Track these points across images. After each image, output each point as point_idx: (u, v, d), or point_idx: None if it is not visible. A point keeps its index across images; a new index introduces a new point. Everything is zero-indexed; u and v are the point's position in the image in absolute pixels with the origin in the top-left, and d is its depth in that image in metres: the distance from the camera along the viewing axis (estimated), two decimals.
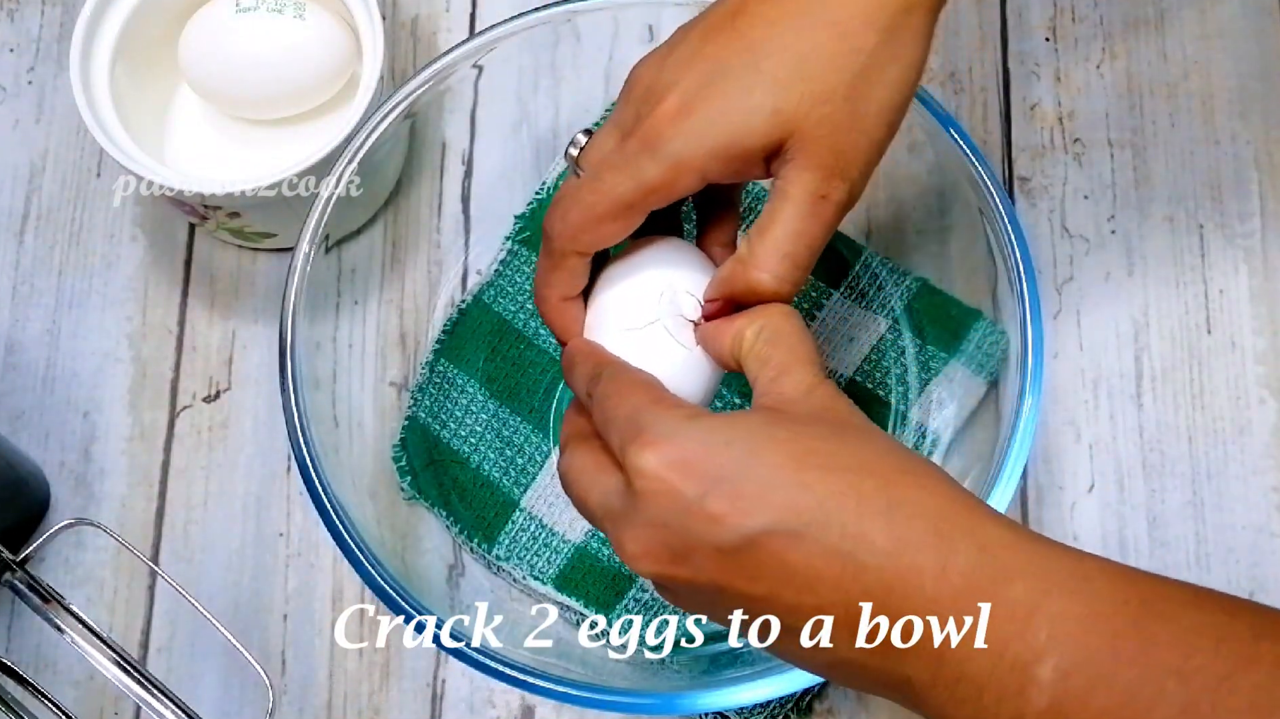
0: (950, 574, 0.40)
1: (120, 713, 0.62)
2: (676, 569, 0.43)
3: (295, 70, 0.64)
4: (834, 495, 0.41)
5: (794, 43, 0.47)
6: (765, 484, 0.42)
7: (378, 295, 0.65)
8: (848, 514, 0.41)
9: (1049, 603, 0.39)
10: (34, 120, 0.71)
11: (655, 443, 0.43)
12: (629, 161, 0.48)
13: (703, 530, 0.42)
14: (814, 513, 0.41)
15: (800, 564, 0.41)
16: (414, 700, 0.62)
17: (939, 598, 0.40)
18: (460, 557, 0.63)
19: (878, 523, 0.41)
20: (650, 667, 0.60)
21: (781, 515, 0.41)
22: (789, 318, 0.47)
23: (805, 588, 0.41)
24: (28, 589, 0.53)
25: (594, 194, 0.49)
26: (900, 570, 0.40)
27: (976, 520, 0.41)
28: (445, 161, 0.68)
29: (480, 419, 0.64)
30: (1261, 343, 0.65)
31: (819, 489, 0.41)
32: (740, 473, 0.42)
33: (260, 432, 0.66)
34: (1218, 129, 0.68)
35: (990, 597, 0.39)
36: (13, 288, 0.68)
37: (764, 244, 0.48)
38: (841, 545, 0.41)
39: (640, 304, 0.50)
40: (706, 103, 0.47)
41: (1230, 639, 0.37)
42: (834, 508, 0.41)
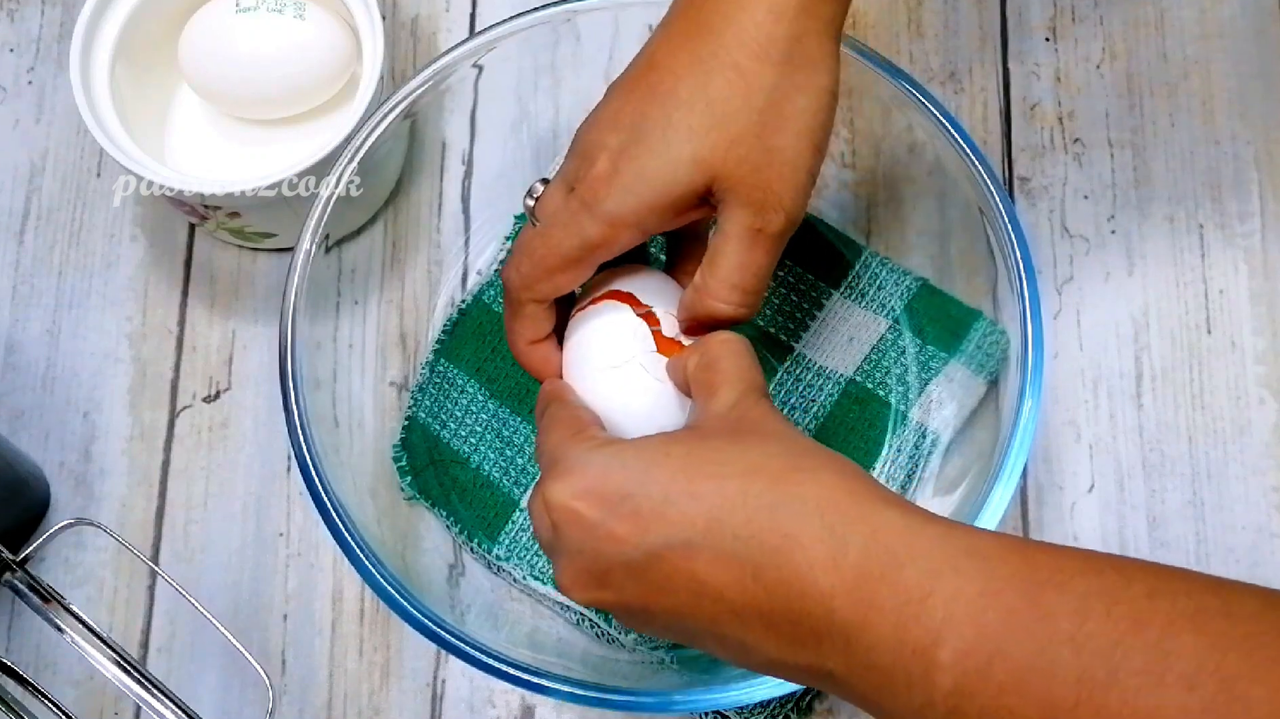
0: (842, 565, 0.40)
1: (120, 713, 0.62)
2: (604, 593, 0.45)
3: (295, 70, 0.64)
4: (724, 502, 0.42)
5: (702, 90, 0.49)
6: (660, 500, 0.43)
7: (378, 295, 0.65)
8: (737, 518, 0.42)
9: (942, 584, 0.39)
10: (34, 120, 0.71)
11: (563, 475, 0.45)
12: (573, 219, 0.51)
13: (612, 552, 0.44)
14: (706, 521, 0.42)
15: (703, 573, 0.42)
16: (414, 700, 0.62)
17: (835, 590, 0.40)
18: (460, 556, 0.63)
19: (766, 522, 0.42)
20: (650, 666, 0.60)
21: (678, 528, 0.42)
22: (725, 344, 0.49)
23: (715, 596, 0.42)
24: (28, 589, 0.53)
25: (544, 248, 0.52)
26: (795, 567, 0.41)
27: (867, 508, 0.42)
28: (445, 161, 0.69)
29: (480, 419, 0.64)
30: (1261, 343, 0.65)
31: (709, 498, 0.42)
32: (637, 491, 0.43)
33: (260, 432, 0.66)
34: (1218, 129, 0.68)
35: (884, 583, 0.40)
36: (13, 288, 0.68)
37: (714, 276, 0.51)
38: (735, 549, 0.42)
39: (615, 342, 0.52)
40: (632, 161, 0.50)
41: (1124, 601, 0.37)
42: (725, 514, 0.42)
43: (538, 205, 0.53)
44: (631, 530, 0.43)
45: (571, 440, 0.47)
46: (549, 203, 0.52)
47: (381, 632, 0.63)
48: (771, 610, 0.41)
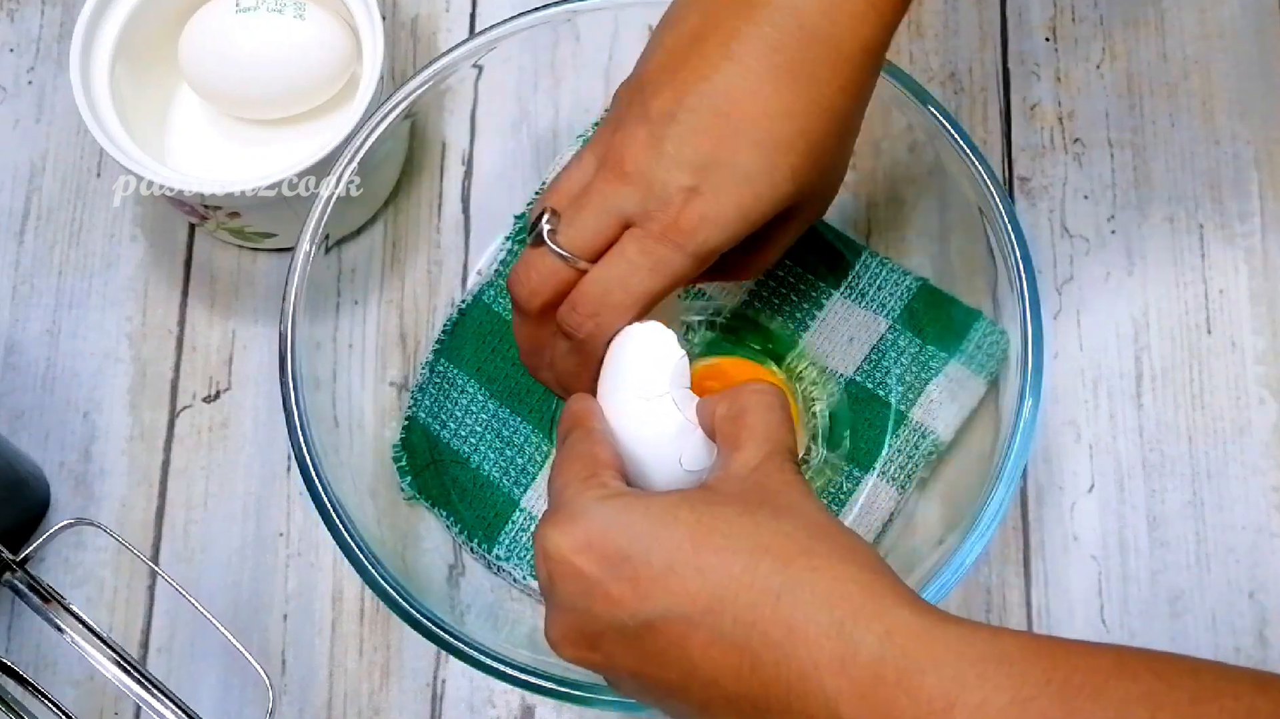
0: (851, 668, 0.38)
1: (120, 713, 0.62)
2: (592, 655, 0.43)
3: (295, 70, 0.64)
4: (728, 580, 0.40)
5: (779, 100, 0.48)
6: (662, 568, 0.41)
7: (378, 295, 0.65)
8: (740, 601, 0.40)
9: (967, 693, 0.37)
10: (34, 120, 0.71)
11: (565, 523, 0.43)
12: (654, 257, 0.48)
13: (605, 615, 0.42)
14: (708, 599, 0.40)
15: (698, 654, 0.40)
16: (414, 700, 0.62)
17: (841, 695, 0.38)
18: (460, 556, 0.63)
19: (769, 610, 0.39)
20: None
21: (677, 601, 0.40)
22: (757, 394, 0.47)
23: (708, 680, 0.40)
24: (28, 589, 0.53)
25: (618, 287, 0.49)
26: (797, 664, 0.38)
27: (881, 604, 0.39)
28: (445, 161, 0.68)
29: (480, 419, 0.64)
30: (1261, 343, 0.65)
31: (713, 574, 0.40)
32: (640, 554, 0.41)
33: (260, 432, 0.66)
34: (1218, 129, 0.68)
35: (900, 690, 0.37)
36: (13, 288, 0.68)
37: (754, 264, 0.52)
38: (735, 635, 0.39)
39: (653, 371, 0.50)
40: (724, 194, 0.48)
41: (1166, 707, 0.35)
42: (727, 594, 0.40)
43: (569, 238, 0.49)
44: (629, 595, 0.41)
45: (582, 484, 0.45)
46: (593, 238, 0.49)
47: (381, 631, 0.63)
48: (769, 704, 0.39)
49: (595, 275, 0.49)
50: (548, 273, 0.50)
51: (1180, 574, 0.62)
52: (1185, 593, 0.62)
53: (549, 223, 0.50)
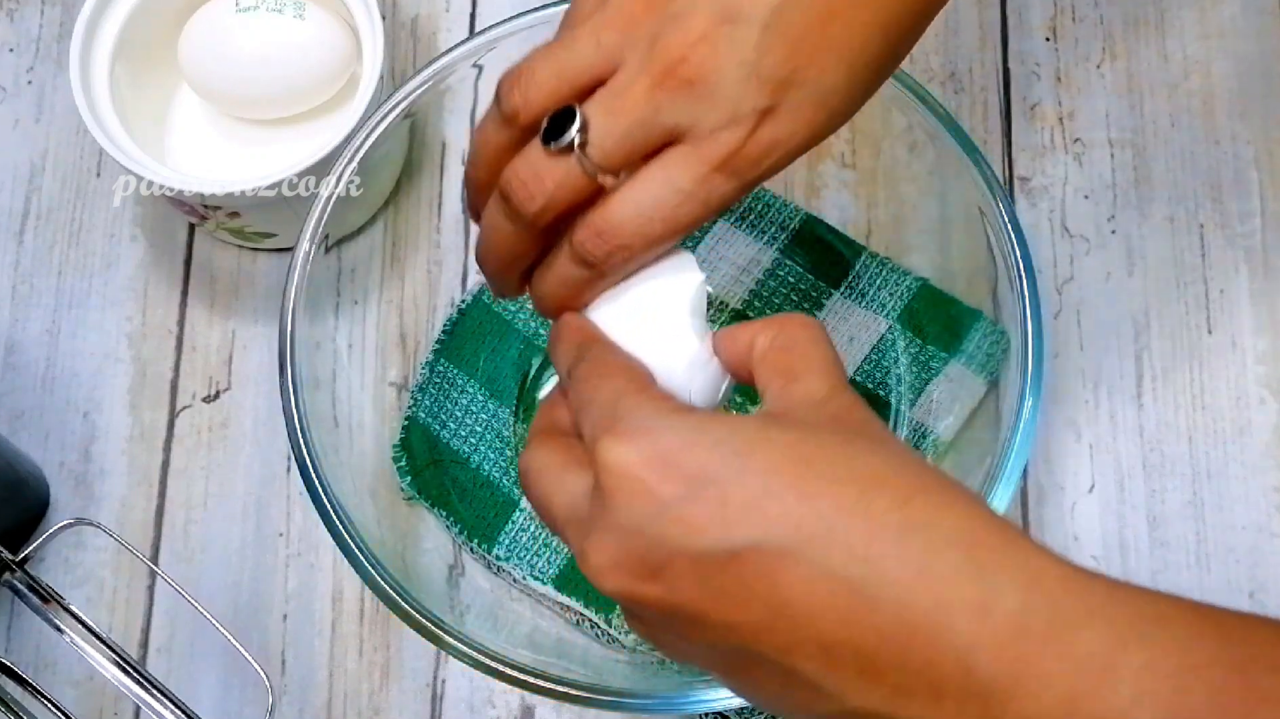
0: (991, 615, 0.33)
1: (120, 713, 0.62)
2: (648, 587, 0.36)
3: (295, 70, 0.64)
4: (840, 510, 0.35)
5: (880, 16, 0.42)
6: (758, 491, 0.35)
7: (378, 295, 0.65)
8: (855, 534, 0.34)
9: (1129, 655, 0.33)
10: (33, 120, 0.71)
11: (631, 434, 0.37)
12: (707, 186, 0.42)
13: (680, 539, 0.35)
14: (814, 529, 0.34)
15: (797, 590, 0.34)
16: (414, 700, 0.62)
17: (979, 643, 0.33)
18: (460, 557, 0.63)
19: (894, 547, 0.34)
20: (650, 667, 0.60)
21: (776, 528, 0.34)
22: (807, 327, 0.41)
23: (803, 620, 0.34)
24: (27, 589, 0.53)
25: (658, 212, 0.42)
26: (927, 606, 0.33)
27: (1017, 549, 0.34)
28: (445, 161, 0.68)
29: (480, 419, 0.64)
30: (1262, 343, 0.65)
31: (822, 501, 0.35)
32: (729, 476, 0.35)
33: (260, 432, 0.66)
34: (1218, 129, 0.68)
35: (1050, 644, 0.33)
36: (12, 288, 0.68)
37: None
38: (849, 571, 0.34)
39: (667, 293, 0.44)
40: (804, 112, 0.42)
41: None
42: (840, 525, 0.34)
43: (602, 152, 0.42)
44: (714, 519, 0.35)
45: (639, 395, 0.39)
46: (629, 154, 0.42)
47: (381, 632, 0.63)
48: (878, 652, 0.34)
49: (629, 198, 0.42)
50: (568, 185, 0.42)
51: (1180, 574, 0.62)
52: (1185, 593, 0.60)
53: (580, 132, 0.42)
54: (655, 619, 0.38)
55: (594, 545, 0.37)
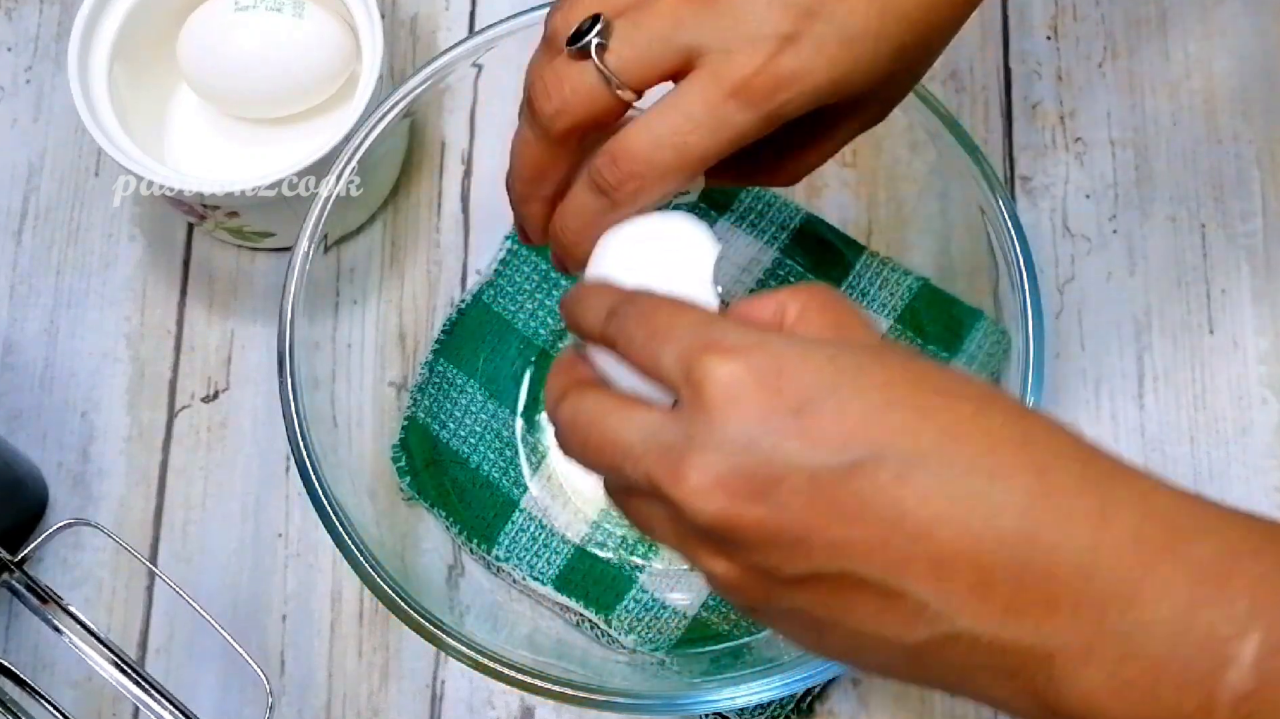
0: (1113, 524, 0.33)
1: (118, 714, 0.62)
2: (753, 507, 0.35)
3: (294, 69, 0.64)
4: (960, 423, 0.34)
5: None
6: (878, 403, 0.34)
7: (377, 295, 0.65)
8: (976, 446, 0.34)
9: (1243, 566, 0.33)
10: (32, 119, 0.71)
11: (738, 350, 0.35)
12: (720, 113, 0.41)
13: (795, 454, 0.34)
14: (935, 441, 0.34)
15: (916, 503, 0.34)
16: (413, 701, 0.62)
17: (1099, 548, 0.33)
18: (460, 557, 0.63)
19: (1011, 455, 0.34)
20: (650, 667, 0.60)
21: (896, 441, 0.34)
22: (834, 290, 0.41)
23: (920, 534, 0.34)
24: (26, 590, 0.53)
25: (673, 139, 0.41)
26: (1048, 514, 0.33)
27: (1132, 473, 0.35)
28: (445, 161, 0.68)
29: (480, 419, 0.64)
30: (1264, 343, 0.65)
31: (942, 415, 0.34)
32: (846, 389, 0.35)
33: (259, 432, 0.66)
34: (1220, 128, 0.68)
35: (1169, 553, 0.33)
36: (10, 287, 0.68)
37: (805, 161, 0.47)
38: (969, 483, 0.34)
39: (690, 268, 0.43)
40: (827, 47, 0.41)
41: None
42: (961, 435, 0.34)
43: (620, 58, 0.42)
44: (834, 432, 0.34)
45: (727, 320, 0.38)
46: (648, 66, 0.42)
47: (380, 632, 0.63)
48: (995, 563, 0.33)
49: (643, 123, 0.42)
50: (584, 91, 0.42)
51: None
52: None
53: (600, 35, 0.42)
54: (752, 545, 0.35)
55: (694, 463, 0.35)
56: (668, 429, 0.36)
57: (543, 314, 0.65)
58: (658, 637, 0.61)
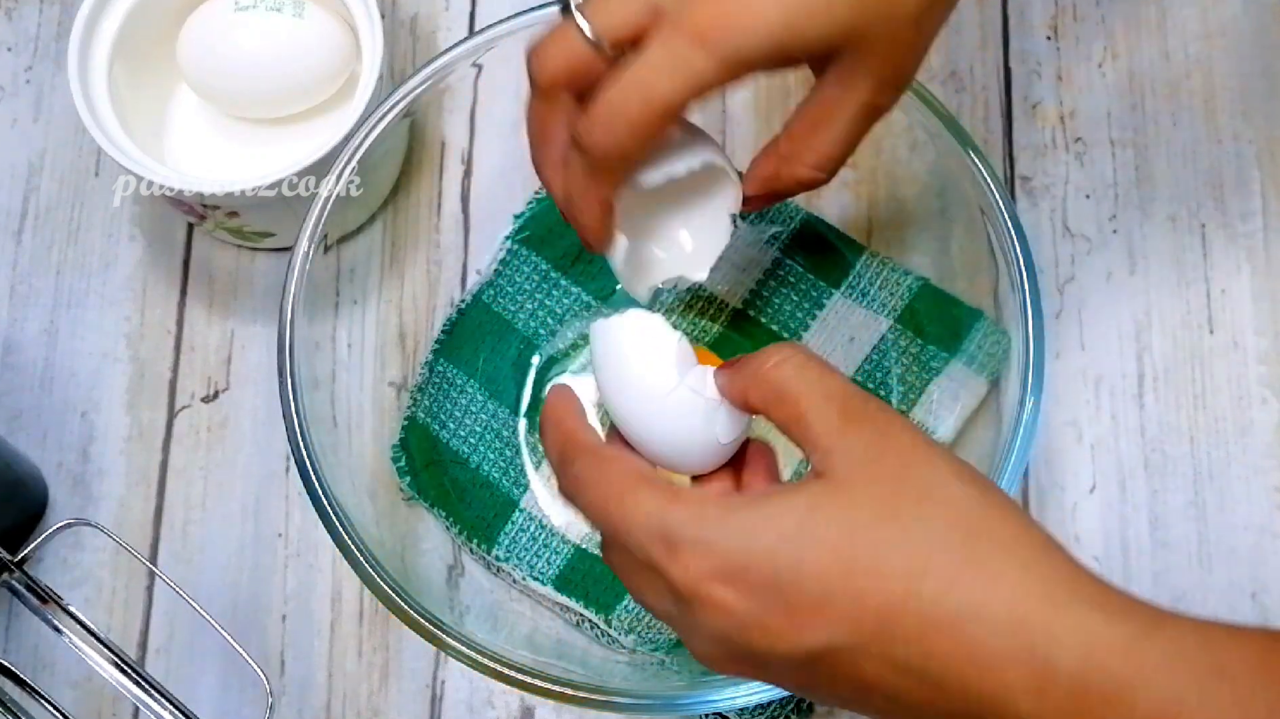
0: (1049, 691, 0.35)
1: (118, 714, 0.62)
2: (757, 673, 0.41)
3: (294, 69, 0.64)
4: (891, 605, 0.37)
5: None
6: (819, 594, 0.38)
7: (377, 295, 0.65)
8: (909, 628, 0.37)
9: (1187, 713, 0.34)
10: (32, 119, 0.71)
11: (691, 554, 0.39)
12: (678, 58, 0.44)
13: (767, 645, 0.39)
14: (874, 626, 0.37)
15: (872, 678, 0.38)
16: (413, 701, 0.62)
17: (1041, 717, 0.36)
18: (460, 557, 0.63)
19: (946, 638, 0.37)
20: (650, 667, 0.60)
21: (840, 630, 0.38)
22: (780, 366, 0.43)
23: (888, 695, 0.38)
24: (26, 590, 0.53)
25: (637, 90, 0.44)
26: (987, 689, 0.36)
27: (1068, 615, 0.36)
28: (444, 161, 0.68)
29: (480, 419, 0.64)
30: (1264, 342, 0.65)
31: (874, 599, 0.37)
32: (789, 581, 0.38)
33: (259, 432, 0.66)
34: (1220, 128, 0.68)
35: (1110, 710, 0.35)
36: (10, 287, 0.68)
37: (812, 147, 0.47)
38: (911, 662, 0.37)
39: (656, 367, 0.47)
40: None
41: None
42: (894, 619, 0.37)
43: (594, 13, 0.45)
44: (787, 628, 0.38)
45: (674, 506, 0.40)
46: (620, 22, 0.45)
47: (380, 632, 0.63)
48: (958, 715, 0.37)
49: (614, 77, 0.45)
50: (565, 47, 0.46)
51: (1182, 575, 0.62)
52: (1187, 593, 0.62)
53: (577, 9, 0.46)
54: (776, 682, 0.42)
55: (696, 644, 0.41)
56: (672, 607, 0.41)
57: (543, 314, 0.65)
58: (658, 637, 0.61)
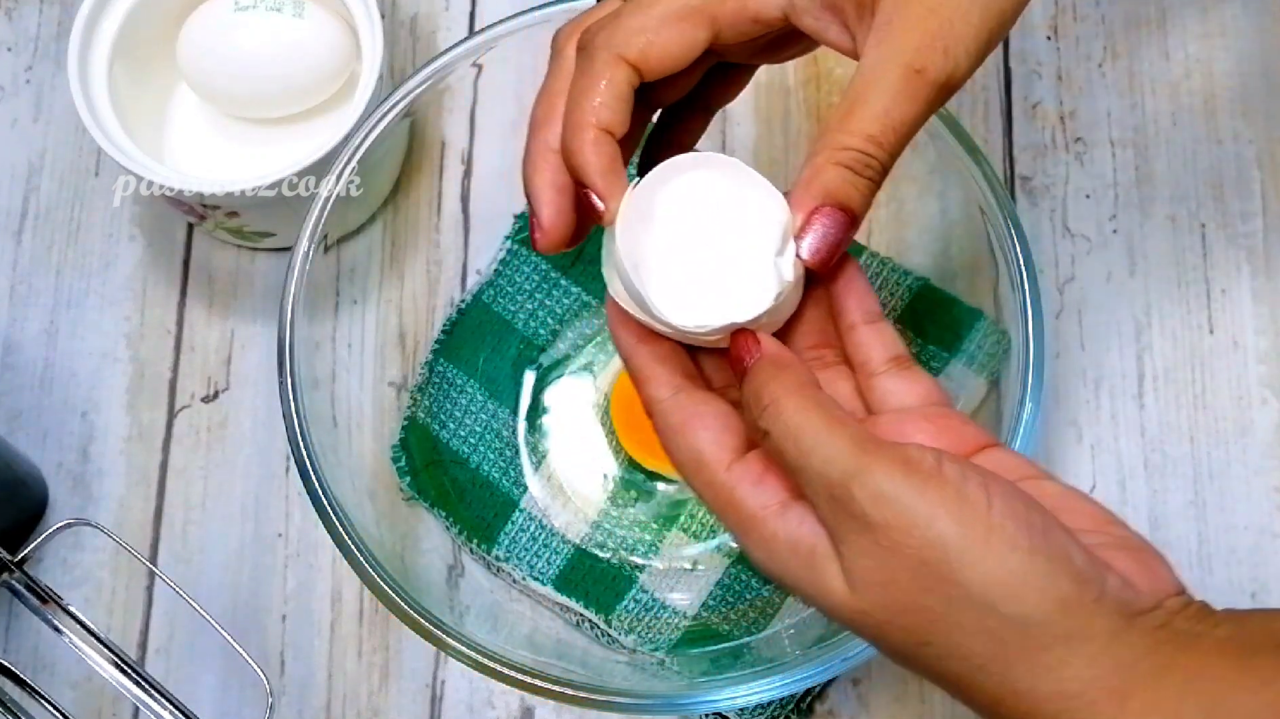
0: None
1: (118, 714, 0.62)
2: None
3: (294, 69, 0.64)
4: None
5: None
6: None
7: (377, 295, 0.65)
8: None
9: None
10: (32, 119, 0.71)
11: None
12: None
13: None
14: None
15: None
16: (413, 702, 0.62)
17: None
18: (460, 557, 0.63)
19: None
20: (650, 667, 0.60)
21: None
22: (769, 385, 0.40)
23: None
24: (26, 590, 0.53)
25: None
26: None
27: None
28: (444, 161, 0.68)
29: (480, 419, 0.64)
30: (1264, 342, 0.65)
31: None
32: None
33: (259, 432, 0.66)
34: (1220, 128, 0.67)
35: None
36: (10, 287, 0.68)
37: (848, 129, 0.41)
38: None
39: (737, 219, 0.41)
40: None
41: None
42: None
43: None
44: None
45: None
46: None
47: (380, 633, 0.63)
48: None
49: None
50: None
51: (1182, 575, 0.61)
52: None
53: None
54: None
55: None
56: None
57: (543, 314, 0.65)
58: (658, 637, 0.61)
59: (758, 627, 0.60)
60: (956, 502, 0.37)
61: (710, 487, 0.41)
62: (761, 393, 0.40)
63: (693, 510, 0.63)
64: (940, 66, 0.40)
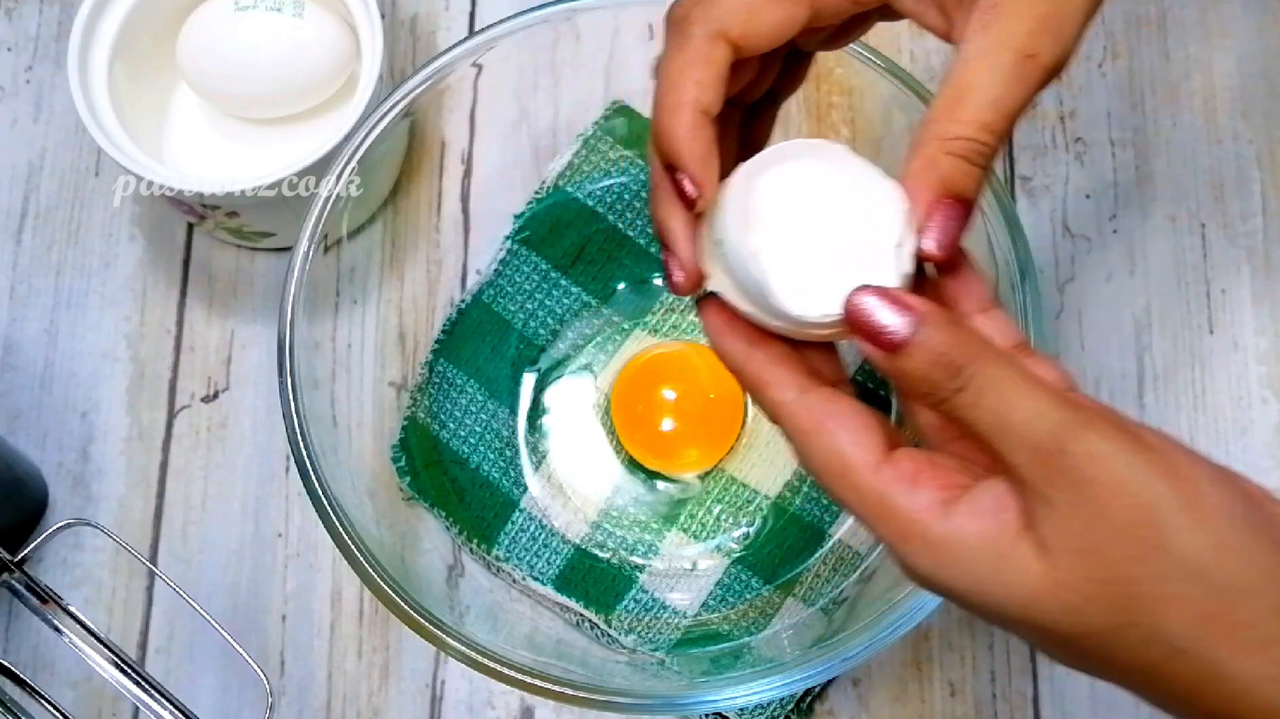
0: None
1: (118, 714, 0.62)
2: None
3: (294, 69, 0.64)
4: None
5: None
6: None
7: (377, 295, 0.65)
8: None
9: None
10: (32, 119, 0.71)
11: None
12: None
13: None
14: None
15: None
16: (413, 702, 0.62)
17: None
18: (460, 557, 0.63)
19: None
20: (650, 667, 0.60)
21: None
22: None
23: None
24: (26, 590, 0.53)
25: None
26: None
27: None
28: (444, 161, 0.68)
29: (480, 419, 0.64)
30: (1264, 343, 0.65)
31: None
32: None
33: (259, 432, 0.66)
34: (1220, 128, 0.68)
35: None
36: (10, 287, 0.68)
37: (957, 118, 0.39)
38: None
39: (861, 217, 0.39)
40: None
41: None
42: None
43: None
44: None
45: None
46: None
47: (380, 632, 0.63)
48: None
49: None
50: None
51: None
52: None
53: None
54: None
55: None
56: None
57: (543, 314, 0.65)
58: (658, 637, 0.61)
59: (758, 627, 0.60)
60: (1168, 467, 0.35)
61: (858, 492, 0.38)
62: (953, 347, 0.37)
63: (693, 510, 0.63)
64: (1052, 51, 0.39)
